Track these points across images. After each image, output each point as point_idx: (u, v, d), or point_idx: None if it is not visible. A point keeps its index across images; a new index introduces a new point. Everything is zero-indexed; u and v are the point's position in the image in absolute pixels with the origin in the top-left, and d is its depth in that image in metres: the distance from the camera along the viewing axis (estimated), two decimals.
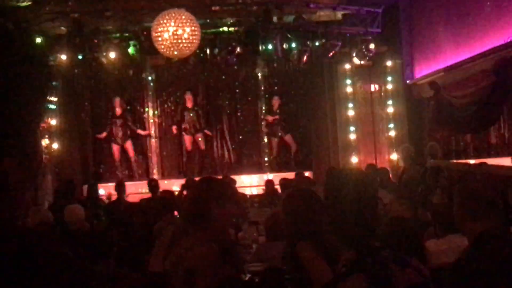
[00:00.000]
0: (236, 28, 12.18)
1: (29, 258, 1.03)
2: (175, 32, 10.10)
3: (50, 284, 1.03)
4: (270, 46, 12.23)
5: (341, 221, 2.39)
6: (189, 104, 14.80)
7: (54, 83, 13.00)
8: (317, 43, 12.33)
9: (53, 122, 13.26)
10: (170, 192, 7.52)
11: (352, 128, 13.48)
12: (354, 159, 13.30)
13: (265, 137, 15.14)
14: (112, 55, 11.94)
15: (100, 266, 4.13)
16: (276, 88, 15.39)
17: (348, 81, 13.49)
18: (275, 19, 12.11)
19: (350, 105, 13.50)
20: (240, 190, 10.92)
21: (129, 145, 14.76)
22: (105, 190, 13.17)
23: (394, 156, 12.94)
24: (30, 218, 7.23)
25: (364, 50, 12.40)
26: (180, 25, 10.08)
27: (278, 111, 14.82)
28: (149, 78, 15.13)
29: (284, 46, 12.26)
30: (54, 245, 1.07)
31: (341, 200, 2.40)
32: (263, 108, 15.23)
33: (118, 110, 14.57)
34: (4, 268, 1.01)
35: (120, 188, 11.19)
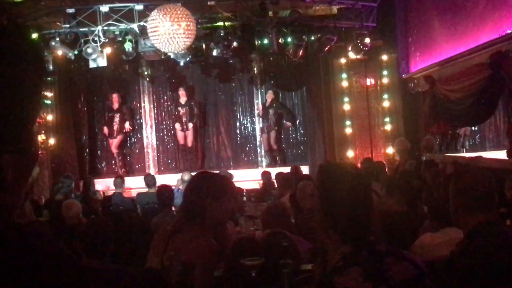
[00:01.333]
0: (232, 23, 12.17)
1: (26, 255, 1.04)
2: (171, 27, 10.10)
3: (47, 280, 1.04)
4: (266, 41, 12.23)
5: (335, 216, 2.41)
6: (183, 100, 14.81)
7: (49, 78, 13.01)
8: (312, 38, 12.33)
9: (50, 117, 13.28)
10: (167, 187, 7.53)
11: (348, 122, 13.50)
12: (350, 153, 13.33)
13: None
14: (108, 50, 11.94)
15: (97, 261, 4.14)
16: (272, 82, 15.42)
17: (344, 75, 13.50)
18: (270, 13, 12.12)
19: (346, 99, 13.52)
20: (237, 184, 10.89)
21: (117, 140, 14.75)
22: (102, 185, 13.20)
23: (390, 150, 12.97)
24: None
25: (359, 44, 12.41)
26: (175, 20, 10.08)
27: (272, 105, 14.79)
28: (145, 73, 15.13)
29: (280, 40, 12.27)
30: (51, 242, 1.08)
31: (335, 194, 2.42)
32: (259, 102, 15.26)
33: (115, 105, 14.59)
34: (1, 266, 1.02)
35: (119, 183, 11.18)
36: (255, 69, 15.12)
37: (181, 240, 3.45)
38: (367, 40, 12.36)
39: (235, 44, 12.26)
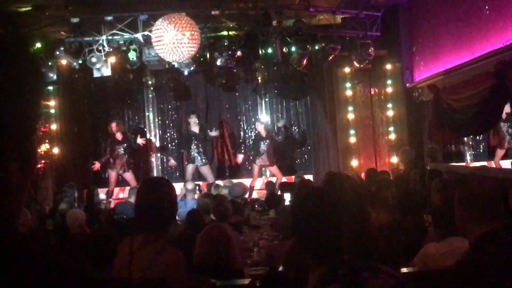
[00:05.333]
0: (236, 32, 12.20)
1: (29, 264, 1.04)
2: (175, 36, 10.12)
3: None
4: (270, 50, 12.25)
5: (308, 239, 2.48)
6: (195, 129, 13.83)
7: (52, 88, 13.05)
8: (316, 47, 12.34)
9: (53, 126, 13.30)
10: None
11: (352, 132, 13.49)
12: (354, 162, 13.31)
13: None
14: (112, 59, 11.96)
15: (101, 271, 4.13)
16: (276, 91, 15.44)
17: (348, 85, 13.51)
18: (274, 23, 12.14)
19: (350, 108, 13.52)
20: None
21: (129, 176, 13.45)
22: (105, 195, 13.19)
23: (394, 160, 12.95)
24: None
25: (363, 53, 12.40)
26: (180, 29, 10.10)
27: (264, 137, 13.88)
28: (149, 82, 15.15)
29: (284, 50, 12.28)
30: (53, 251, 1.08)
31: (304, 220, 2.50)
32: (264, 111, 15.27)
33: (119, 136, 13.43)
34: (2, 275, 1.01)
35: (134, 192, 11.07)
36: (259, 78, 15.14)
37: (146, 258, 3.34)
38: (371, 49, 12.36)
39: (239, 53, 12.28)
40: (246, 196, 11.08)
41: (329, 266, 2.35)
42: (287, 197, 9.53)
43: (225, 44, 12.12)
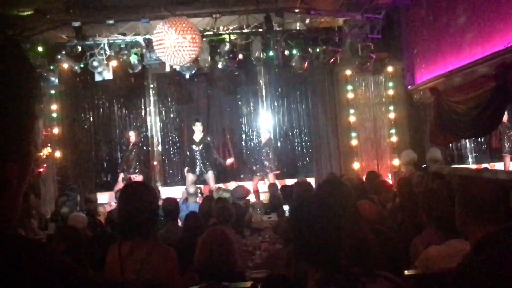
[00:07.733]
0: (237, 36, 12.21)
1: (30, 267, 1.04)
2: (176, 40, 10.13)
3: None
4: (271, 53, 12.26)
5: (306, 247, 2.48)
6: (197, 136, 13.44)
7: (52, 91, 13.07)
8: (318, 50, 12.36)
9: (55, 130, 13.31)
10: (173, 200, 7.51)
11: (353, 134, 13.48)
12: (356, 165, 13.30)
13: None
14: (114, 63, 11.97)
15: (103, 274, 4.13)
16: (277, 94, 15.44)
17: (349, 87, 13.50)
18: (276, 26, 12.15)
19: (352, 110, 13.51)
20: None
21: (138, 179, 13.06)
22: (107, 198, 13.18)
23: (396, 162, 12.94)
24: None
25: (365, 56, 12.41)
26: (181, 33, 10.11)
27: (267, 144, 13.84)
28: (151, 86, 15.15)
29: (285, 52, 12.28)
30: (54, 254, 1.08)
31: (304, 225, 2.50)
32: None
33: (131, 142, 13.45)
34: (2, 279, 1.01)
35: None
36: (260, 81, 15.14)
37: (137, 261, 3.36)
38: (373, 52, 12.36)
39: (240, 56, 12.28)
40: (255, 199, 11.05)
41: (326, 272, 2.35)
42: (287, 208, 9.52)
43: (226, 47, 12.12)
